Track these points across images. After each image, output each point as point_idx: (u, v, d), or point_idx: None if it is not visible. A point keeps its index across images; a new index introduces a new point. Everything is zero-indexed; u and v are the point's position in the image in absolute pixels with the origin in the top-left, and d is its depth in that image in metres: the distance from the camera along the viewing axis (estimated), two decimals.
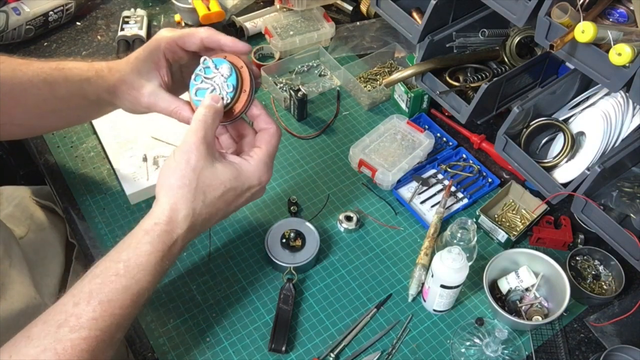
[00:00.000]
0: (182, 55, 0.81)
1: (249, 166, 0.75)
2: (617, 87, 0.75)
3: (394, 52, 1.28)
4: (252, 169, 0.75)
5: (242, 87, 0.75)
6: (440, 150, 1.13)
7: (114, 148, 1.08)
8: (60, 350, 0.63)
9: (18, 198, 1.08)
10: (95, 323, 0.65)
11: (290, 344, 0.88)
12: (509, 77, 1.01)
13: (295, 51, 1.28)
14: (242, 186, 0.75)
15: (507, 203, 1.05)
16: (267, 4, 1.38)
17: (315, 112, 1.20)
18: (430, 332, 0.90)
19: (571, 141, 0.93)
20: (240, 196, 0.76)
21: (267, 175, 0.77)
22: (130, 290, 0.68)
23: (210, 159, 0.72)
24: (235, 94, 0.75)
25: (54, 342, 0.63)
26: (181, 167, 0.71)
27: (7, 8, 1.26)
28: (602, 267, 0.96)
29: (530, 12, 0.81)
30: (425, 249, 0.96)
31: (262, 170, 0.76)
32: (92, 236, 0.99)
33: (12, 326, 0.86)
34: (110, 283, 0.67)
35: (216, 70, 0.76)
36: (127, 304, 0.68)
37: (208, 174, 0.72)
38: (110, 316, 0.66)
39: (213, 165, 0.72)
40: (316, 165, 1.11)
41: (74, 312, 0.65)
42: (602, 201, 0.87)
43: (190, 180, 0.71)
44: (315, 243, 0.96)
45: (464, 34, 1.05)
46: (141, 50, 0.81)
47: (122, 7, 1.40)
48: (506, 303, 0.92)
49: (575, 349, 0.89)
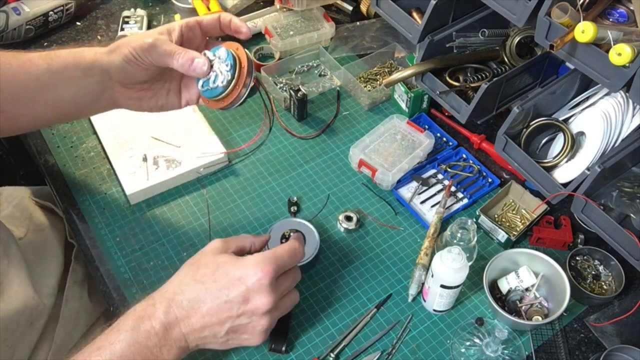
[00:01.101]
0: (197, 34, 0.81)
1: (249, 257, 0.75)
2: (617, 87, 0.75)
3: (394, 52, 1.28)
4: (250, 259, 0.74)
5: (241, 63, 0.77)
6: (440, 150, 1.13)
7: (114, 148, 1.08)
8: None
9: (18, 198, 1.08)
10: None
11: (290, 344, 0.88)
12: (509, 77, 1.01)
13: (295, 51, 1.28)
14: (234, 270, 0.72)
15: (507, 203, 1.05)
16: (267, 4, 1.38)
17: (315, 112, 1.20)
18: (430, 332, 0.90)
19: (571, 141, 0.93)
20: (233, 284, 0.72)
21: (267, 269, 0.72)
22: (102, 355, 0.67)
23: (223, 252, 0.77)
24: (234, 72, 0.77)
25: None
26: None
27: (7, 8, 1.26)
28: (602, 267, 0.96)
29: (530, 12, 0.81)
30: (425, 249, 0.96)
31: (262, 262, 0.73)
32: (92, 236, 0.99)
33: (10, 325, 0.87)
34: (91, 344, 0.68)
35: (214, 56, 0.79)
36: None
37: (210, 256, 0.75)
38: None
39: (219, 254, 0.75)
40: (316, 165, 1.11)
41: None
42: (602, 201, 0.87)
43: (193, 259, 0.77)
44: (315, 243, 0.96)
45: (464, 34, 1.05)
46: None
47: (122, 7, 1.40)
48: (506, 303, 0.92)
49: (575, 349, 0.89)
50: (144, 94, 0.83)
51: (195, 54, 0.76)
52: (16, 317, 0.88)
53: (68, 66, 0.79)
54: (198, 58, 0.76)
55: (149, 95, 0.84)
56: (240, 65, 0.77)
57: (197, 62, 0.76)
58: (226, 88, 0.78)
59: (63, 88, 0.80)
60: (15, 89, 0.78)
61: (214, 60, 0.79)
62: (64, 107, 0.83)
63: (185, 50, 0.76)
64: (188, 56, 0.76)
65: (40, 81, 0.78)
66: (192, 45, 0.82)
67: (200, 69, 0.76)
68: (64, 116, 0.90)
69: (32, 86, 0.79)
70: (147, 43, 0.75)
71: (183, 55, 0.76)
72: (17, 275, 0.91)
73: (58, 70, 0.78)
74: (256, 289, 0.72)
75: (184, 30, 0.80)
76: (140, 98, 0.83)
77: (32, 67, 0.78)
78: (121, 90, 0.82)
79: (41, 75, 0.78)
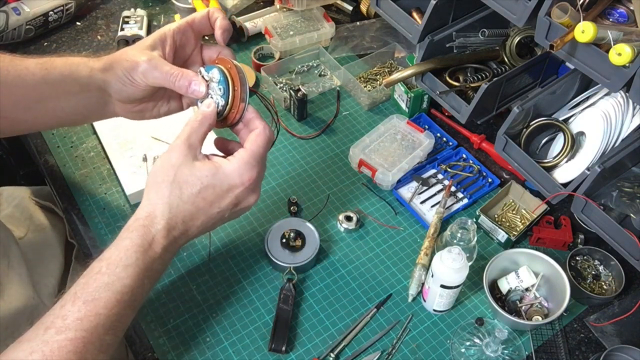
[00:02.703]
0: (190, 38, 0.80)
1: (229, 165, 0.73)
2: (617, 87, 0.75)
3: (394, 52, 1.28)
4: (231, 167, 0.72)
5: (234, 85, 0.75)
6: (440, 150, 1.13)
7: (114, 148, 1.08)
8: (48, 352, 0.62)
9: (18, 199, 1.08)
10: (80, 323, 0.64)
11: (290, 344, 0.88)
12: (509, 77, 1.01)
13: (295, 51, 1.28)
14: (221, 185, 0.72)
15: (507, 203, 1.05)
16: (267, 4, 1.38)
17: (315, 112, 1.20)
18: (430, 332, 0.90)
19: (571, 141, 0.93)
20: (222, 197, 0.73)
21: (249, 175, 0.73)
22: (113, 288, 0.67)
23: (191, 158, 0.72)
24: (227, 96, 0.74)
25: (41, 344, 0.63)
26: (162, 165, 0.72)
27: (7, 8, 1.26)
28: (602, 267, 0.96)
29: (530, 12, 0.81)
30: (425, 249, 0.96)
31: (244, 169, 0.72)
32: (92, 236, 0.99)
33: (10, 325, 0.87)
34: (94, 282, 0.67)
35: (208, 77, 0.76)
36: (111, 303, 0.66)
37: (185, 170, 0.71)
38: (95, 316, 0.65)
39: (192, 163, 0.71)
40: (316, 165, 1.11)
41: (60, 314, 0.65)
42: (602, 201, 0.87)
43: (167, 176, 0.71)
44: (315, 243, 0.96)
45: (464, 34, 1.05)
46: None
47: (122, 7, 1.40)
48: (506, 303, 0.92)
49: (575, 349, 0.89)
50: (145, 106, 0.82)
51: (191, 76, 0.75)
52: (16, 317, 0.88)
53: (65, 79, 0.78)
54: (194, 80, 0.75)
55: (150, 106, 0.83)
56: (233, 87, 0.74)
57: (194, 85, 0.75)
58: (222, 112, 0.76)
59: (64, 100, 0.80)
60: (15, 96, 0.78)
61: (209, 81, 0.76)
62: (65, 116, 0.83)
63: (180, 71, 0.74)
64: (185, 79, 0.75)
65: (38, 91, 0.79)
66: (186, 50, 0.81)
67: (199, 92, 0.75)
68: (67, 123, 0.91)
69: (32, 95, 0.79)
70: (140, 65, 0.74)
71: (179, 78, 0.74)
72: (17, 275, 0.91)
73: (55, 82, 0.78)
74: (245, 194, 0.74)
75: (176, 38, 0.78)
76: (142, 110, 0.83)
77: (28, 75, 0.78)
78: (122, 106, 0.82)
79: (38, 86, 0.78)
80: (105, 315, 0.66)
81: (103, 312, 0.66)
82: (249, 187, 0.74)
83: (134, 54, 0.76)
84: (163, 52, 0.77)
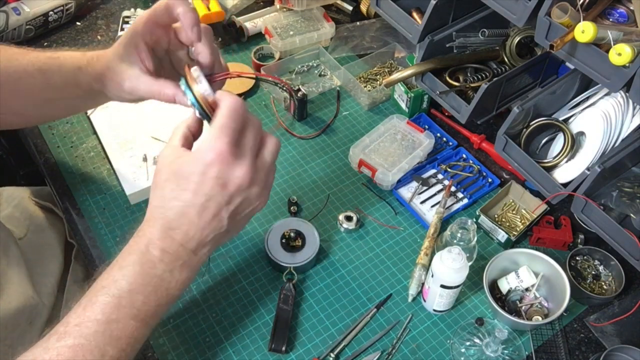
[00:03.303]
0: (161, 34, 0.77)
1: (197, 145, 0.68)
2: (617, 87, 0.75)
3: (394, 52, 1.28)
4: (198, 146, 0.67)
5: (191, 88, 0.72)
6: (440, 150, 1.13)
7: (114, 148, 1.08)
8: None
9: (17, 199, 1.08)
10: (78, 330, 0.62)
11: (290, 344, 0.88)
12: (509, 77, 1.01)
13: (295, 51, 1.28)
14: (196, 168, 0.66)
15: (507, 203, 1.05)
16: (267, 4, 1.38)
17: (315, 112, 1.20)
18: (430, 332, 0.90)
19: (571, 141, 0.93)
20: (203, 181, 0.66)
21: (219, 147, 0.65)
22: (108, 291, 0.64)
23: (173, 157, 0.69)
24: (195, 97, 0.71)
25: (43, 351, 0.61)
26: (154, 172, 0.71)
27: (7, 8, 1.26)
28: (602, 267, 0.96)
29: (530, 12, 0.81)
30: (425, 249, 0.96)
31: (211, 143, 0.65)
32: (92, 236, 0.99)
33: (10, 325, 0.87)
34: (93, 286, 0.66)
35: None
36: (108, 307, 0.63)
37: (166, 169, 0.68)
38: (94, 322, 0.63)
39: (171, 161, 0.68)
40: (316, 165, 1.11)
41: (65, 320, 0.63)
42: (602, 201, 0.87)
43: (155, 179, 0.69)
44: (315, 243, 0.96)
45: (464, 34, 1.05)
46: (123, 36, 0.77)
47: (122, 7, 1.40)
48: (506, 303, 0.92)
49: (575, 349, 0.89)
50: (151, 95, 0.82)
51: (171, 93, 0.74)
52: (16, 317, 0.88)
53: (67, 86, 0.80)
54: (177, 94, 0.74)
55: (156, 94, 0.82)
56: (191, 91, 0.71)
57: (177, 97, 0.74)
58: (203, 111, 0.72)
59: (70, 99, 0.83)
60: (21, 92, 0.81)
61: None
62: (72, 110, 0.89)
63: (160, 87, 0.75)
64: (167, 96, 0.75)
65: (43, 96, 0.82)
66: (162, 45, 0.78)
67: (185, 103, 0.73)
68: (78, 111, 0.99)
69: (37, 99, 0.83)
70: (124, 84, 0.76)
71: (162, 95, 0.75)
72: (16, 275, 0.91)
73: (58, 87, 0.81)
74: (224, 170, 0.66)
75: (147, 40, 0.76)
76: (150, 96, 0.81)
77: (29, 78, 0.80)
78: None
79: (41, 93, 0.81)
80: (104, 322, 0.63)
81: (100, 317, 0.63)
82: (224, 162, 0.65)
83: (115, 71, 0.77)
84: (142, 62, 0.76)
